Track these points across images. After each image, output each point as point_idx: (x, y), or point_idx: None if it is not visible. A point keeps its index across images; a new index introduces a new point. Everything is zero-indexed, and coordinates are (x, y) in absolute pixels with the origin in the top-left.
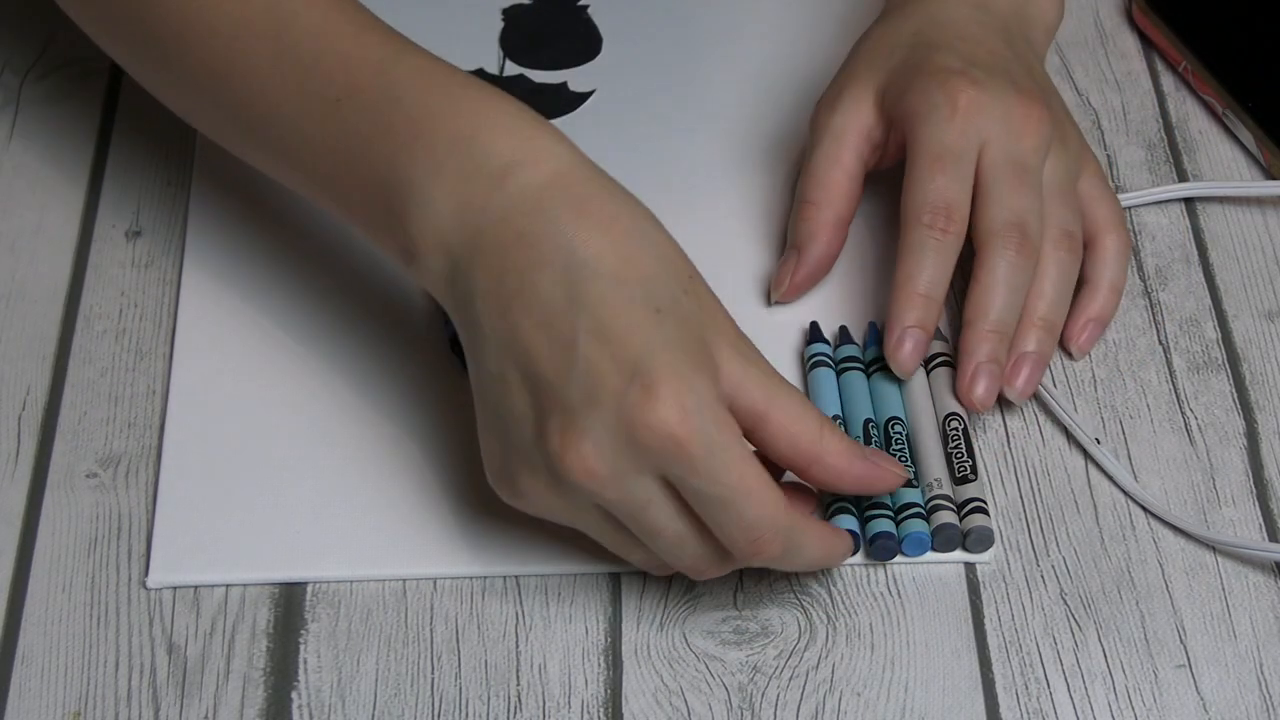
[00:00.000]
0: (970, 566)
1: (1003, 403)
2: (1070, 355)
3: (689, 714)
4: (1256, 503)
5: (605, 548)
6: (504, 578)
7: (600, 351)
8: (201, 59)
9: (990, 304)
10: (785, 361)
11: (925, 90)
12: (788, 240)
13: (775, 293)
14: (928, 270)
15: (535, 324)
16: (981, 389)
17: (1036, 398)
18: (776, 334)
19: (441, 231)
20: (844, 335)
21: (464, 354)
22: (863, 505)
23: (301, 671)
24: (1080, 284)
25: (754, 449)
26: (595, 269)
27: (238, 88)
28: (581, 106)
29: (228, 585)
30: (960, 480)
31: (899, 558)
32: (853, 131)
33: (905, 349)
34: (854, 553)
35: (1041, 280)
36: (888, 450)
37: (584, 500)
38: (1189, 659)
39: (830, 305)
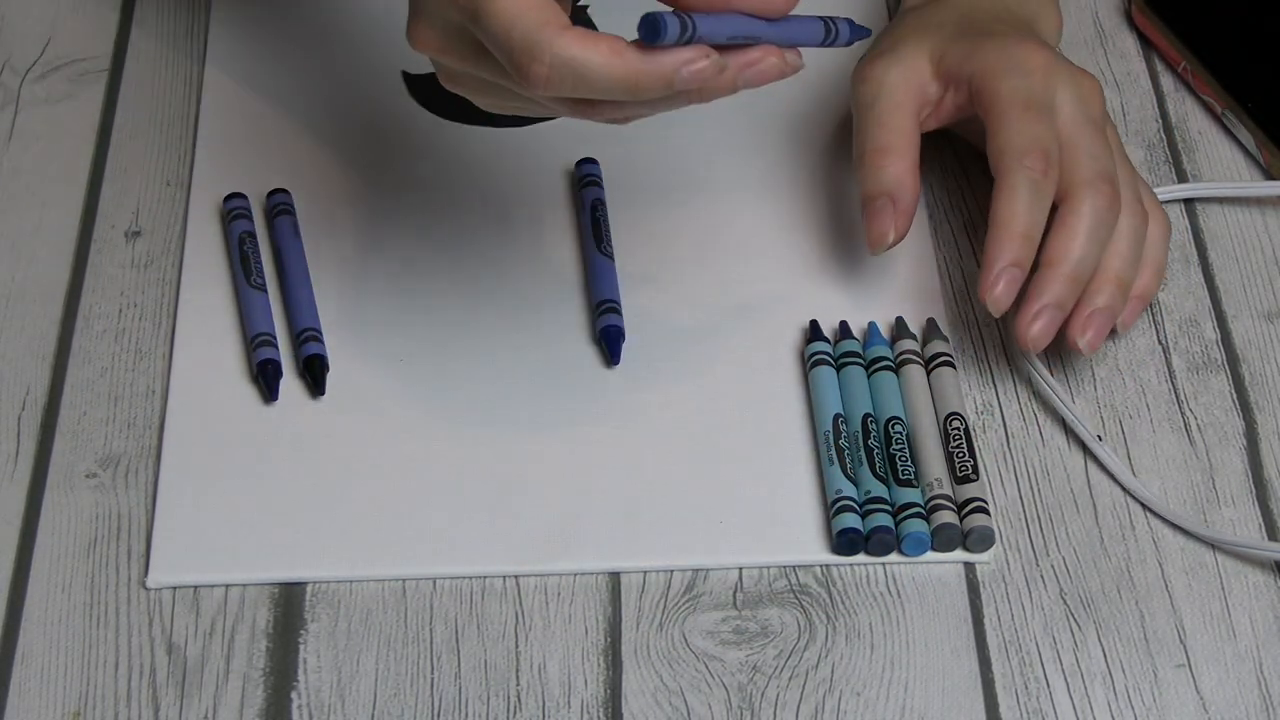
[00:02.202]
0: (970, 566)
1: (1001, 403)
2: (1113, 333)
3: (689, 714)
4: (1256, 502)
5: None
6: (504, 578)
7: None
8: None
9: (1072, 249)
10: (786, 361)
11: (1003, 48)
12: (865, 193)
13: (879, 247)
14: (1027, 211)
15: None
16: (1038, 328)
17: (1036, 395)
18: (777, 333)
19: None
20: (844, 330)
21: None
22: (862, 503)
23: (301, 671)
24: None
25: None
26: None
27: None
28: None
29: (228, 585)
30: (961, 480)
31: (896, 556)
32: (912, 84)
33: (1000, 287)
34: (713, 72)
35: (1120, 237)
36: (887, 450)
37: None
38: (1189, 659)
39: (832, 303)
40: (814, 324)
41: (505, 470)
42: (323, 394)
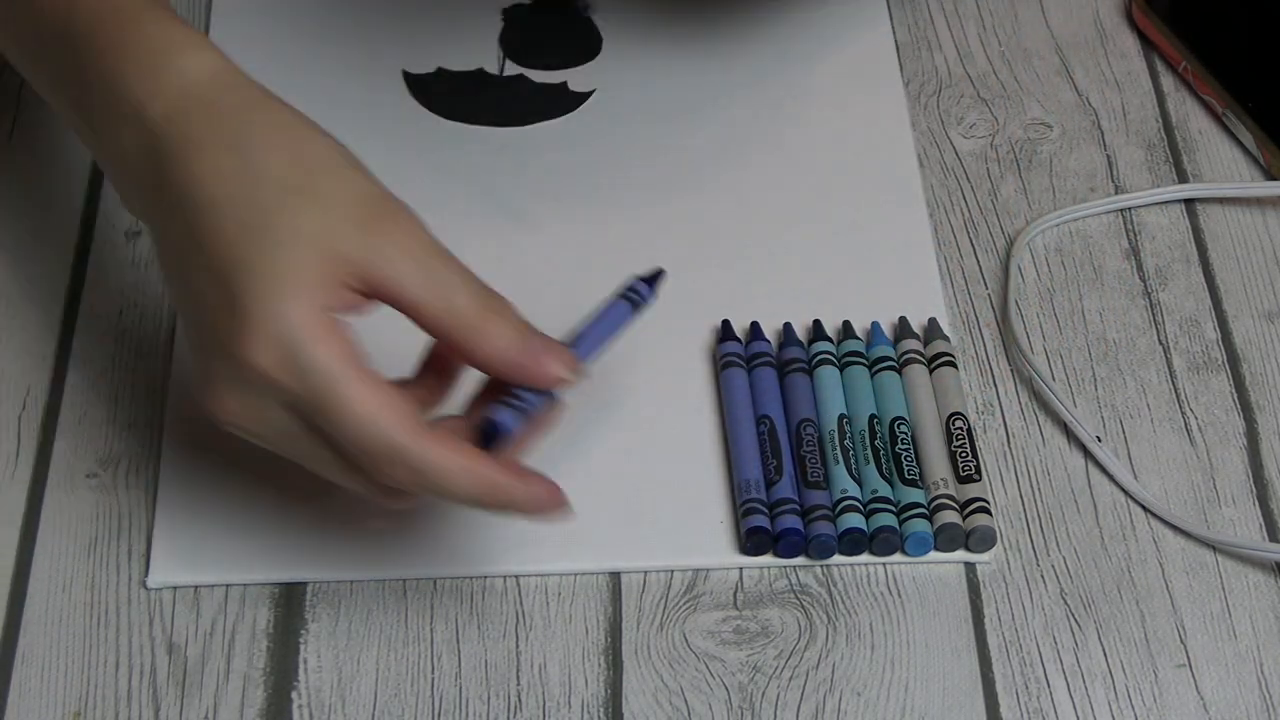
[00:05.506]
0: (970, 566)
1: (1002, 403)
2: None
3: (689, 714)
4: (1256, 503)
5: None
6: (504, 578)
7: (208, 287)
8: None
9: None
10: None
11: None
12: None
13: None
14: None
15: (176, 271)
16: None
17: (1037, 395)
18: (774, 330)
19: (127, 192)
20: (847, 330)
21: None
22: (867, 502)
23: (301, 671)
24: None
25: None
26: (195, 199)
27: None
28: (581, 106)
29: (228, 585)
30: (964, 479)
31: (898, 555)
32: None
33: None
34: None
35: None
36: (893, 450)
37: (244, 434)
38: (1189, 659)
39: (834, 303)
40: (816, 323)
41: None
42: None
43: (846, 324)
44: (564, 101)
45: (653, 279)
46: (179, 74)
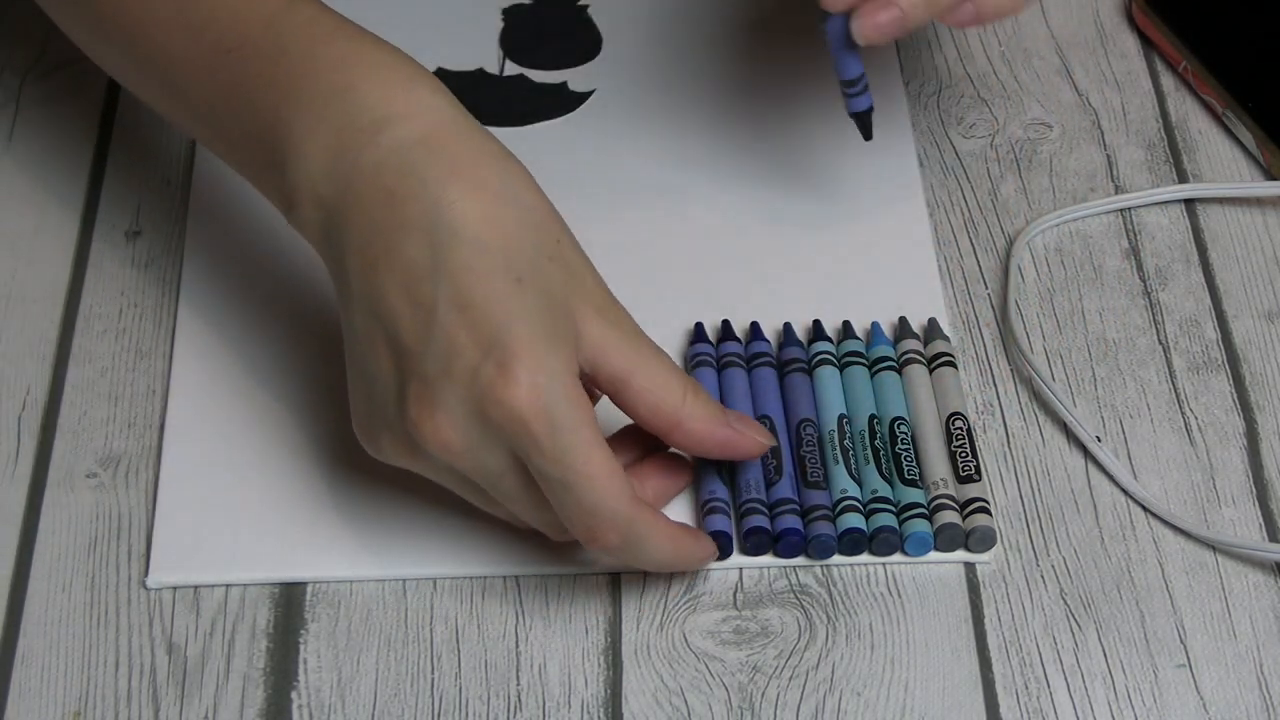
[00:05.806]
0: (970, 566)
1: (1002, 403)
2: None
3: (689, 714)
4: (1256, 503)
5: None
6: (504, 578)
7: (459, 321)
8: (112, 5)
9: None
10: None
11: None
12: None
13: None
14: None
15: (399, 287)
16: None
17: (1037, 395)
18: (774, 330)
19: (315, 183)
20: (847, 330)
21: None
22: (867, 502)
23: (301, 671)
24: None
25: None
26: (459, 234)
27: (142, 37)
28: (581, 106)
29: (228, 585)
30: (964, 480)
31: (898, 555)
32: None
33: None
34: (720, 556)
35: None
36: (892, 450)
37: (441, 465)
38: (1189, 659)
39: (834, 303)
40: (817, 323)
41: None
42: None
43: (846, 324)
44: (564, 101)
45: (699, 336)
46: (427, 101)
